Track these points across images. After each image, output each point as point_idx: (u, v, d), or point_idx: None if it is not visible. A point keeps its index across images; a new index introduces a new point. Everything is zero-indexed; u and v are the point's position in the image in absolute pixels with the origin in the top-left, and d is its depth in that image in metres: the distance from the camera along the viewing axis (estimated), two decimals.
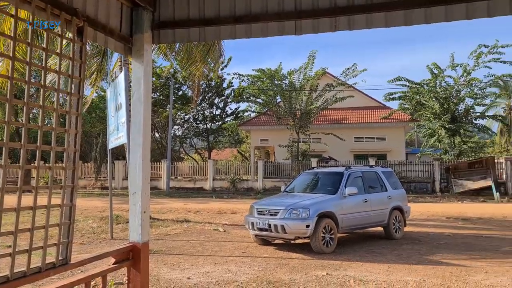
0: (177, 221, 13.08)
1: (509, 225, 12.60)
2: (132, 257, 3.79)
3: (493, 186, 22.43)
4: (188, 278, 6.38)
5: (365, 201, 9.47)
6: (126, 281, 3.78)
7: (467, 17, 4.10)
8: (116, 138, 10.13)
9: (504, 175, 24.42)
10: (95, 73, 13.32)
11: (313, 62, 27.42)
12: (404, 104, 30.16)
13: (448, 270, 6.75)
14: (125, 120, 9.25)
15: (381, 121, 31.65)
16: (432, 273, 6.59)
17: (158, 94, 35.87)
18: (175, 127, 38.47)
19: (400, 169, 26.39)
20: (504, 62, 25.56)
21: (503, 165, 24.70)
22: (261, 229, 8.68)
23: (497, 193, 21.74)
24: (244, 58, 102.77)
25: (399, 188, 10.90)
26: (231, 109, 39.31)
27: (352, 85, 28.66)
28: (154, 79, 34.23)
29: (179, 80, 33.63)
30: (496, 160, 25.46)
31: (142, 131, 4.02)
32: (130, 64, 10.16)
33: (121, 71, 11.24)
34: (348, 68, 27.56)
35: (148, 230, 3.99)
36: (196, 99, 18.60)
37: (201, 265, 7.24)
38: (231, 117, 39.95)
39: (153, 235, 10.23)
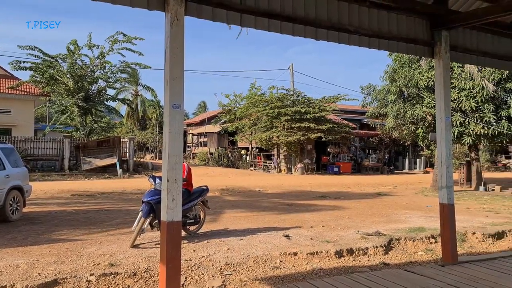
0: None
1: (126, 198, 14.11)
2: None
3: (117, 163, 24.55)
4: None
5: None
6: None
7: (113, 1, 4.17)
8: None
9: (127, 153, 27.16)
10: None
11: None
12: (36, 77, 28.04)
13: (65, 246, 6.78)
14: None
15: (7, 91, 28.18)
16: (47, 251, 6.44)
17: None
18: None
19: (27, 145, 24.50)
20: (133, 51, 28.21)
21: (127, 144, 27.43)
22: None
23: (120, 170, 23.99)
24: None
25: (20, 166, 10.04)
26: None
27: None
28: None
29: None
30: (122, 140, 27.97)
31: None
32: None
33: None
34: None
35: None
36: None
37: None
38: None
39: None
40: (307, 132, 27.82)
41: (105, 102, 31.26)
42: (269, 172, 31.25)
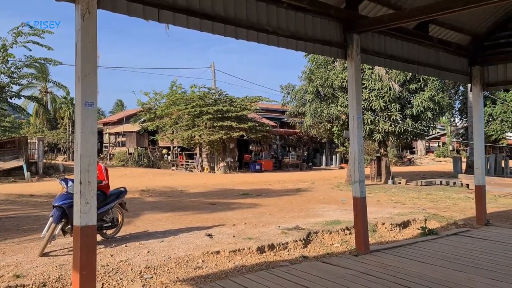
0: None
1: (35, 203, 13.03)
2: None
3: (24, 166, 22.62)
4: None
5: None
6: None
7: None
8: None
9: (36, 155, 25.13)
10: None
11: None
12: None
13: None
14: None
15: None
16: None
17: None
18: None
19: None
20: (41, 45, 26.08)
21: (36, 145, 25.38)
22: None
23: (28, 173, 22.13)
24: None
25: None
26: None
27: None
28: None
29: None
30: (29, 140, 25.81)
31: None
32: None
33: None
34: None
35: None
36: None
37: None
38: None
39: None
40: (229, 130, 27.94)
41: (8, 99, 28.52)
42: (192, 171, 30.88)
